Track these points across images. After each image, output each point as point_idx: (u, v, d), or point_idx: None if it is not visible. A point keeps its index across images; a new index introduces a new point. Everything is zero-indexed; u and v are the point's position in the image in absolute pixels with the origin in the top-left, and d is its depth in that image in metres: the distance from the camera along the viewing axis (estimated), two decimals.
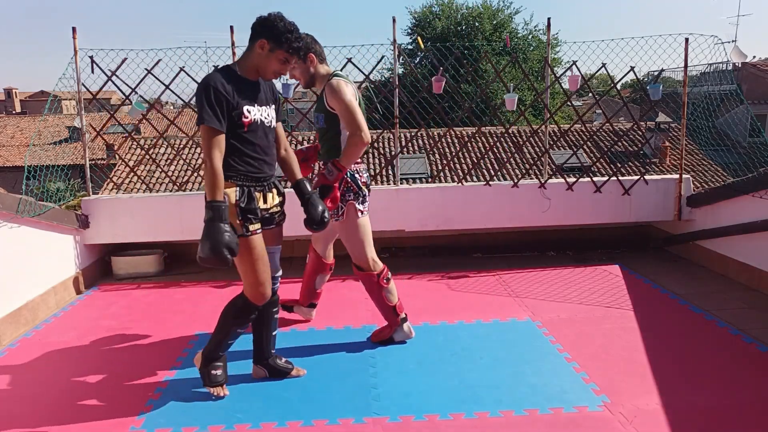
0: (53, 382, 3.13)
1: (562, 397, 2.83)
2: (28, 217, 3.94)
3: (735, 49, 5.23)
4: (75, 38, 4.63)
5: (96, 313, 4.17)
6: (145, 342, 3.62)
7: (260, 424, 2.66)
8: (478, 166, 6.37)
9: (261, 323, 2.94)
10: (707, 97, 5.93)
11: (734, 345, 3.39)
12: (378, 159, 13.71)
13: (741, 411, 2.67)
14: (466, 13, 24.46)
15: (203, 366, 2.88)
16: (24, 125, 28.06)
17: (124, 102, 4.86)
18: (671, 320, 3.77)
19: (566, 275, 4.73)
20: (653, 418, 2.63)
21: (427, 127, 5.19)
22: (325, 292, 3.88)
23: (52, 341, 3.67)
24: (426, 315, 3.92)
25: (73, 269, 4.61)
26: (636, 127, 6.45)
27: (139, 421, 2.70)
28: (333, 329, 3.73)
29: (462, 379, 3.00)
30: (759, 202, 4.18)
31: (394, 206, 5.00)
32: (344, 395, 2.89)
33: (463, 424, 2.62)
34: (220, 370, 2.87)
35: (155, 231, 4.92)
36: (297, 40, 2.64)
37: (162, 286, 4.75)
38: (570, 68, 5.09)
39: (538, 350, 3.35)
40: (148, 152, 5.12)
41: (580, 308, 4.00)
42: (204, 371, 2.87)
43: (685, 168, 5.27)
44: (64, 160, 5.36)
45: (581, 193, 5.10)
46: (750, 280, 4.36)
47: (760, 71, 19.50)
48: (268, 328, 2.99)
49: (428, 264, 5.24)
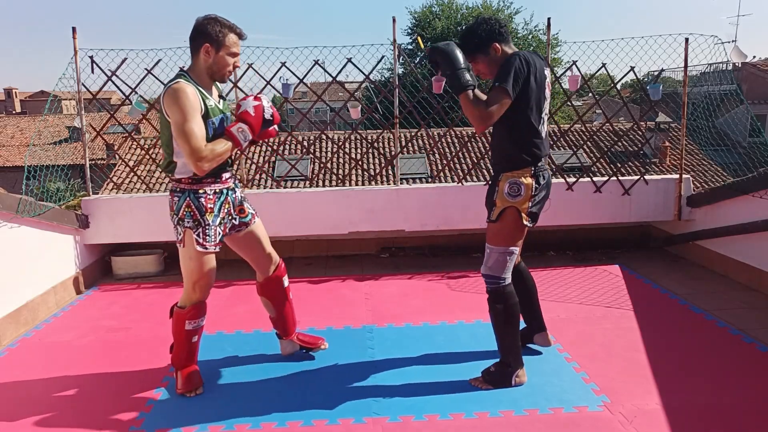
0: (53, 382, 3.12)
1: (561, 397, 2.83)
2: (28, 217, 3.94)
3: (735, 49, 5.23)
4: (75, 38, 4.63)
5: (96, 313, 4.16)
6: (146, 342, 3.62)
7: (260, 424, 2.66)
8: (478, 166, 6.37)
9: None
10: (707, 97, 5.93)
11: (734, 345, 3.39)
12: (378, 159, 13.72)
13: (741, 411, 2.67)
14: (466, 13, 24.45)
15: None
16: (24, 125, 28.05)
17: (124, 102, 4.86)
18: (671, 320, 3.77)
19: (566, 275, 4.73)
20: (653, 418, 2.63)
21: (427, 127, 5.19)
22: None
23: (52, 341, 3.67)
24: (426, 315, 3.92)
25: (73, 269, 4.61)
26: (636, 127, 6.44)
27: (139, 421, 2.70)
28: (333, 329, 3.73)
29: (462, 379, 3.00)
30: (759, 202, 4.18)
31: (394, 206, 5.00)
32: (344, 395, 2.89)
33: (463, 424, 2.62)
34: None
35: (155, 231, 4.91)
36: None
37: (162, 286, 4.75)
38: (570, 68, 5.09)
39: (538, 350, 3.35)
40: (148, 152, 5.11)
41: (580, 308, 4.00)
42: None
43: (685, 168, 5.26)
44: (64, 160, 5.36)
45: (581, 193, 5.10)
46: (750, 280, 4.36)
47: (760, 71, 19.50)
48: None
49: (428, 264, 5.24)
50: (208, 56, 2.67)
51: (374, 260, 5.41)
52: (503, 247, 2.83)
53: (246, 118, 2.70)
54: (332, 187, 5.27)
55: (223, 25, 2.66)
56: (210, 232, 2.77)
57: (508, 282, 2.88)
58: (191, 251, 2.77)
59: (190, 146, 2.55)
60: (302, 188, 5.28)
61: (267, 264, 3.12)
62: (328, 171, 6.44)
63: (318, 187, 5.76)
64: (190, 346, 2.93)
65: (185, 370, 2.94)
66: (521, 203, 2.78)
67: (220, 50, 2.67)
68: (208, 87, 2.76)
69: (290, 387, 3.00)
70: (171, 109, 2.59)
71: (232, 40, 2.69)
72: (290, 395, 2.91)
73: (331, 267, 5.07)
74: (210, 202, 2.77)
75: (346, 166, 13.13)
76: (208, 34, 2.64)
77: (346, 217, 4.99)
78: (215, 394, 2.94)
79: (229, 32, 2.68)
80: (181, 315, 2.87)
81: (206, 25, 2.65)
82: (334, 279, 4.76)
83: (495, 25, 2.76)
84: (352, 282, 4.72)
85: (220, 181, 2.83)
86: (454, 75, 2.67)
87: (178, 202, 2.77)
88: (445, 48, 2.70)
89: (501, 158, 2.84)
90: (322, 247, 5.52)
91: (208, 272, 2.83)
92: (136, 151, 12.11)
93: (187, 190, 2.75)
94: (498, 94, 2.64)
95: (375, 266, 5.20)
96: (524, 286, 3.18)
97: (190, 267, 2.81)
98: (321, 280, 4.77)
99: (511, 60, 2.66)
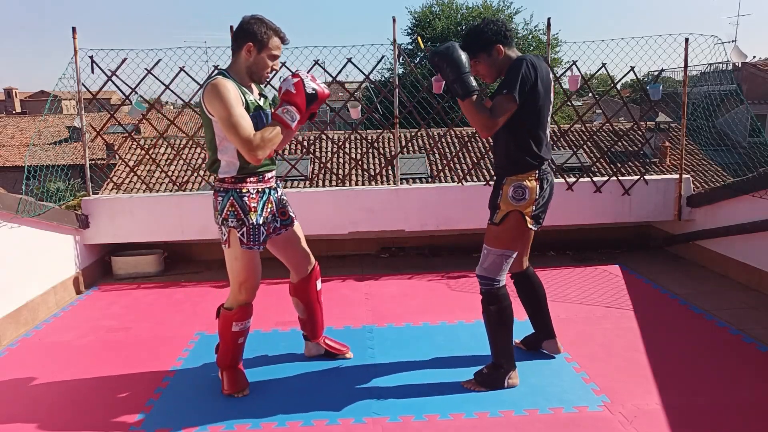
0: (53, 382, 3.13)
1: (562, 397, 2.83)
2: (28, 217, 3.94)
3: (735, 49, 5.23)
4: (75, 38, 4.63)
5: (96, 313, 4.17)
6: (145, 342, 3.62)
7: (260, 424, 2.66)
8: (478, 166, 6.37)
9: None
10: (707, 97, 5.93)
11: (734, 345, 3.39)
12: (378, 159, 13.71)
13: (741, 411, 2.67)
14: (466, 13, 24.45)
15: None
16: (24, 125, 28.04)
17: (124, 102, 4.86)
18: (671, 320, 3.77)
19: (566, 275, 4.73)
20: (653, 418, 2.63)
21: (427, 127, 5.19)
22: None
23: (52, 341, 3.67)
24: (426, 315, 3.92)
25: (73, 269, 4.61)
26: (636, 127, 6.44)
27: (139, 421, 2.70)
28: (333, 329, 3.73)
29: (462, 379, 2.99)
30: (759, 202, 4.18)
31: (394, 206, 5.00)
32: (344, 395, 2.89)
33: (463, 424, 2.62)
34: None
35: (155, 231, 4.92)
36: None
37: (162, 286, 4.75)
38: (570, 68, 5.09)
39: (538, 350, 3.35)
40: (148, 152, 5.11)
41: (580, 308, 4.00)
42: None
43: (685, 168, 5.27)
44: (64, 160, 5.37)
45: (581, 193, 5.10)
46: (750, 280, 4.36)
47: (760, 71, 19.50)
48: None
49: (428, 264, 5.24)
50: (249, 55, 2.66)
51: (374, 260, 5.42)
52: (502, 249, 2.83)
53: (288, 98, 2.63)
54: (332, 187, 5.27)
55: (269, 27, 2.66)
56: (255, 231, 2.76)
57: (502, 284, 2.88)
58: (236, 251, 2.76)
59: (240, 137, 2.51)
60: (302, 188, 5.28)
61: (305, 265, 3.13)
62: (328, 171, 6.44)
63: (318, 187, 5.76)
64: (236, 347, 2.93)
65: (230, 372, 2.94)
66: (525, 207, 2.78)
67: (262, 51, 2.66)
68: (247, 86, 2.74)
69: (290, 387, 3.00)
70: (213, 104, 2.55)
71: (274, 43, 2.68)
72: (290, 395, 2.91)
73: (331, 267, 5.07)
74: (253, 201, 2.75)
75: (346, 166, 13.13)
76: (252, 34, 2.62)
77: (346, 217, 4.99)
78: (215, 395, 2.93)
79: (274, 35, 2.67)
80: (228, 317, 2.86)
81: (252, 25, 2.63)
82: (334, 279, 4.76)
83: (501, 27, 2.76)
84: (352, 282, 4.72)
85: (263, 181, 2.81)
86: (459, 80, 2.64)
87: (222, 202, 2.74)
88: (449, 52, 2.65)
89: (505, 162, 2.83)
90: (322, 247, 5.51)
91: (254, 272, 2.82)
92: (136, 151, 12.11)
93: (230, 190, 2.73)
94: (505, 101, 2.63)
95: (375, 266, 5.20)
96: (533, 293, 3.19)
97: (236, 267, 2.80)
98: (321, 280, 4.75)
99: (518, 65, 2.64)
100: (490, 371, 2.93)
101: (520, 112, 2.68)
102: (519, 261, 3.11)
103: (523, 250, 3.08)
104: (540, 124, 2.77)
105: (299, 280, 3.15)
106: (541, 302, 3.21)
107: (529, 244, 3.13)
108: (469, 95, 2.64)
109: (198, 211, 4.88)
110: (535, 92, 2.68)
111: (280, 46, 2.71)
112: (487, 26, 2.76)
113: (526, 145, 2.75)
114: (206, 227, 4.91)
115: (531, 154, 2.76)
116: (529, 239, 3.10)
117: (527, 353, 3.28)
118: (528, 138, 2.75)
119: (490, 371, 2.93)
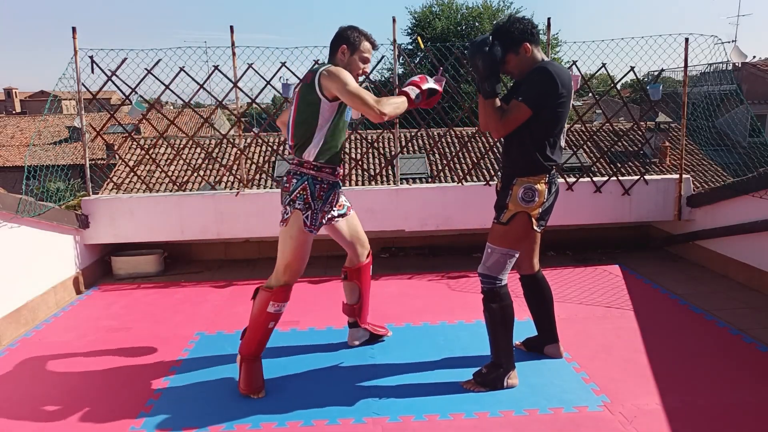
0: (53, 382, 3.13)
1: (562, 397, 2.83)
2: (28, 217, 3.94)
3: (735, 49, 5.23)
4: (75, 38, 4.63)
5: (96, 313, 4.17)
6: (145, 342, 3.62)
7: (260, 424, 2.66)
8: (478, 166, 6.37)
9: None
10: (707, 97, 5.94)
11: (734, 345, 3.39)
12: (378, 159, 13.72)
13: (741, 411, 2.67)
14: (466, 13, 24.47)
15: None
16: (24, 125, 28.06)
17: (124, 102, 4.86)
18: (671, 320, 3.77)
19: (566, 275, 4.74)
20: (653, 418, 2.63)
21: (427, 127, 5.19)
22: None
23: (52, 341, 3.67)
24: (426, 315, 3.92)
25: (73, 269, 4.61)
26: (636, 127, 6.44)
27: (139, 421, 2.70)
28: (333, 329, 3.73)
29: (462, 379, 2.99)
30: (759, 202, 4.18)
31: (394, 206, 5.00)
32: (344, 395, 2.89)
33: (463, 424, 2.62)
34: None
35: (155, 231, 4.92)
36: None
37: (162, 286, 4.75)
38: (570, 68, 5.09)
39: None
40: (148, 152, 5.11)
41: (580, 308, 4.00)
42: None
43: (685, 168, 5.26)
44: (64, 160, 5.37)
45: (581, 193, 5.10)
46: (750, 280, 4.36)
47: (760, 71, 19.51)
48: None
49: (428, 264, 5.24)
50: (344, 56, 2.93)
51: (374, 260, 5.39)
52: (506, 249, 2.83)
53: (414, 83, 2.96)
54: None
55: (361, 33, 2.96)
56: (317, 216, 2.94)
57: (504, 283, 2.88)
58: (293, 230, 2.90)
59: (366, 99, 2.72)
60: None
61: (362, 250, 3.37)
62: None
63: None
64: (265, 333, 2.96)
65: (249, 365, 2.94)
66: (533, 209, 2.79)
67: (354, 53, 2.93)
68: None
69: (290, 387, 3.00)
70: (332, 81, 2.75)
71: (366, 47, 2.96)
72: (290, 395, 2.91)
73: (331, 267, 5.06)
74: (323, 191, 2.94)
75: (346, 166, 13.05)
76: (346, 38, 2.92)
77: None
78: (215, 395, 2.93)
79: (365, 40, 2.96)
80: (267, 295, 2.92)
81: (346, 31, 2.95)
82: (334, 279, 4.76)
83: (528, 25, 2.76)
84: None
85: (336, 175, 3.00)
86: (489, 79, 2.72)
87: (295, 184, 2.91)
88: (489, 50, 2.68)
89: (519, 163, 2.83)
90: (322, 247, 5.51)
91: (302, 256, 2.95)
92: (136, 151, 12.11)
93: (306, 175, 2.90)
94: (518, 109, 2.69)
95: (375, 266, 5.15)
96: (541, 296, 3.19)
97: (288, 247, 2.92)
98: (321, 280, 4.76)
99: (543, 76, 2.67)
100: (490, 371, 2.93)
101: (542, 118, 2.71)
102: (529, 263, 3.12)
103: (529, 252, 3.09)
104: (560, 130, 2.80)
105: (356, 266, 3.38)
106: (548, 307, 3.21)
107: (537, 246, 3.14)
108: (493, 97, 2.74)
109: (198, 211, 4.88)
110: (557, 101, 2.70)
111: (370, 49, 3.00)
112: (513, 25, 2.76)
113: (543, 148, 2.77)
114: (206, 227, 4.92)
115: (546, 158, 2.78)
116: (535, 240, 3.10)
117: (527, 353, 3.28)
118: (545, 142, 2.77)
119: (489, 371, 2.93)
